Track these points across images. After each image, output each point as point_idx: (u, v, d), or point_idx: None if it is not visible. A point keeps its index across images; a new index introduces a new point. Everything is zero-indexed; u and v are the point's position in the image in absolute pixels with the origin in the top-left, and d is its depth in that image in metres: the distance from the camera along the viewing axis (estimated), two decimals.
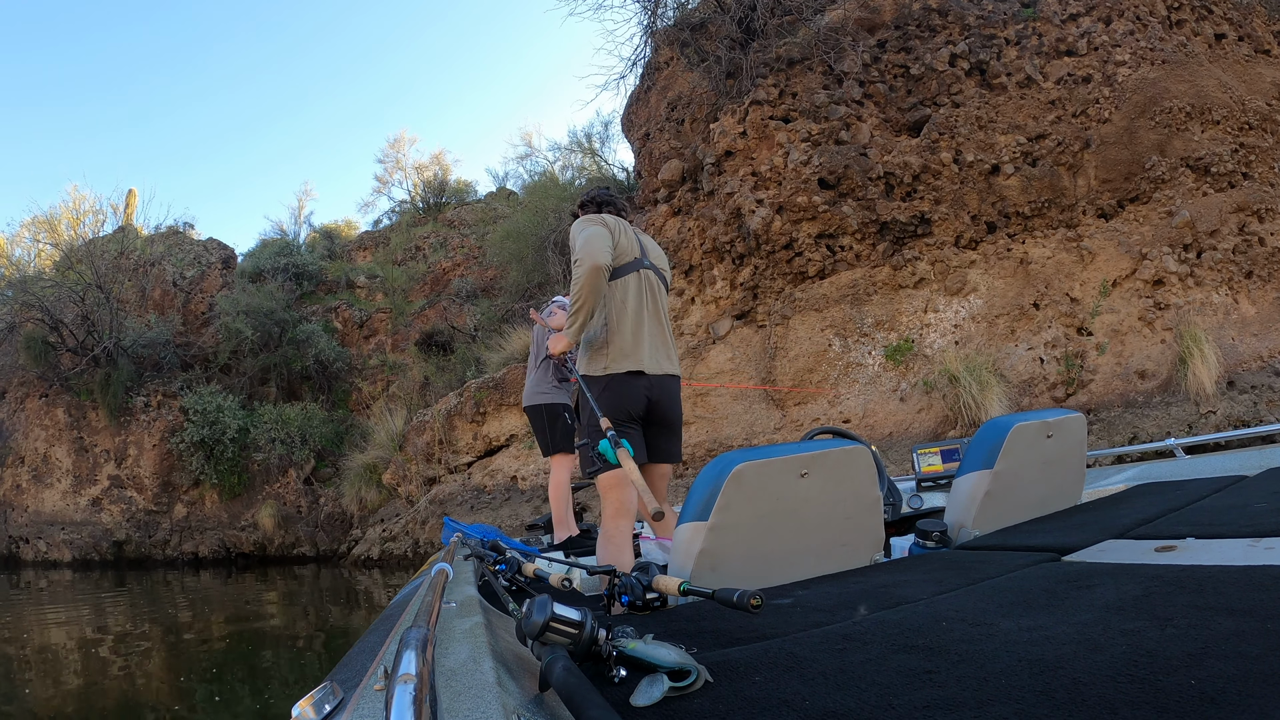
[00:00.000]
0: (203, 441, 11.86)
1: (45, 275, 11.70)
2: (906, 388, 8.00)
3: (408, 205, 16.43)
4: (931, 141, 8.21)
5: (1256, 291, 8.01)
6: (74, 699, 4.18)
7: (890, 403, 8.05)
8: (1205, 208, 8.08)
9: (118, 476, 11.56)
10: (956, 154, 8.16)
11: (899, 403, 8.04)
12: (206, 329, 12.71)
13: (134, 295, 12.34)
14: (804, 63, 8.55)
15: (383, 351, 13.89)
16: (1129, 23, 8.56)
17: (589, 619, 0.83)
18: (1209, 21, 8.89)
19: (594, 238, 2.36)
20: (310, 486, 12.44)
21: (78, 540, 11.33)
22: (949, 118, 8.26)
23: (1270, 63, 8.92)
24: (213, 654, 5.58)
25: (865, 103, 8.60)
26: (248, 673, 4.91)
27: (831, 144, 8.35)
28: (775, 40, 8.79)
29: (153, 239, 13.23)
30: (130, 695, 4.26)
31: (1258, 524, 1.31)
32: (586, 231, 2.42)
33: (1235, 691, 0.62)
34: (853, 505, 1.70)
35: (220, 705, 4.02)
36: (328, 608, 7.97)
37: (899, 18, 8.77)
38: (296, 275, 14.03)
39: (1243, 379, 7.65)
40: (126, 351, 11.62)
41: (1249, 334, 7.89)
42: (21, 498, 11.64)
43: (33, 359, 11.17)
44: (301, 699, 0.73)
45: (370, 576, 10.00)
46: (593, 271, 2.30)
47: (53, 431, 11.59)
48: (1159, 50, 8.37)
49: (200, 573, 11.70)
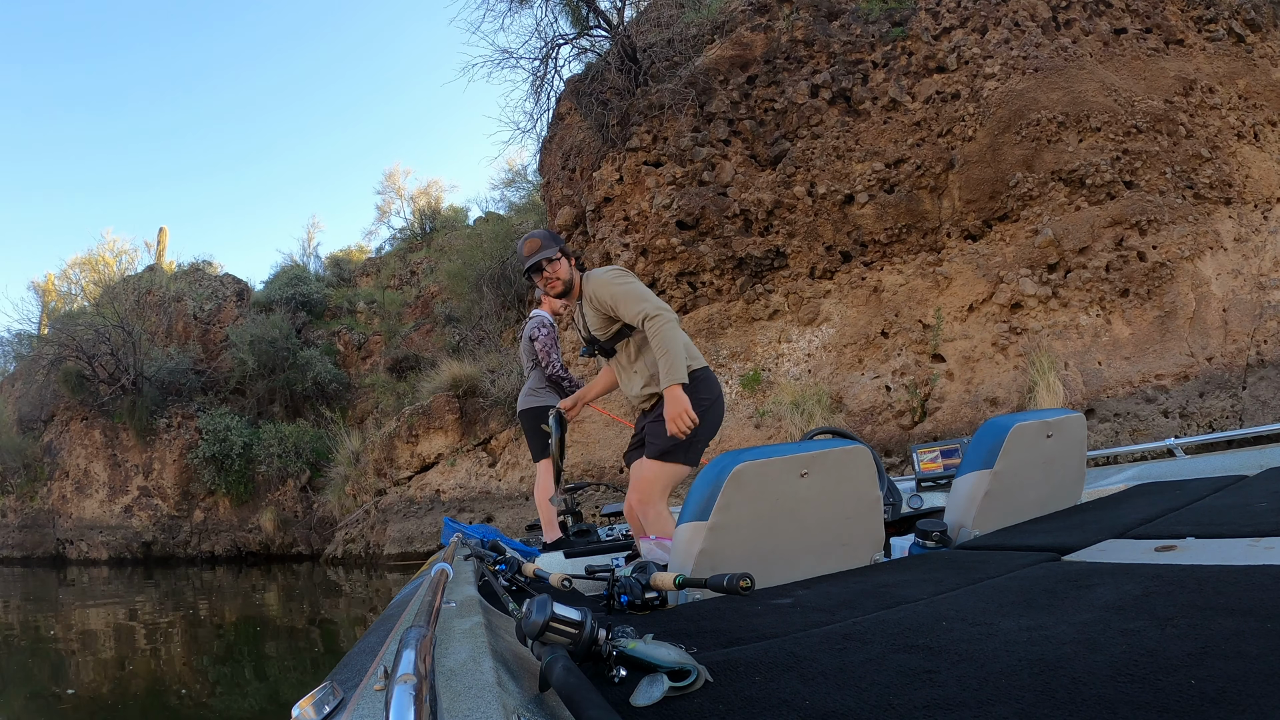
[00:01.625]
0: (214, 456, 13.69)
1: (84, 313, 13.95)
2: (759, 415, 8.25)
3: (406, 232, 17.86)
4: (787, 176, 8.34)
5: (1133, 311, 7.62)
6: (113, 670, 5.15)
7: (746, 429, 8.33)
8: (1076, 223, 7.77)
9: (145, 487, 13.67)
10: (810, 186, 8.25)
11: (754, 429, 8.30)
12: (221, 357, 14.60)
13: (161, 328, 14.42)
14: (675, 107, 8.85)
15: (376, 372, 15.30)
16: (1005, 30, 8.27)
17: (589, 619, 0.83)
18: (1106, 17, 8.41)
19: (649, 292, 2.70)
20: (306, 494, 14.02)
21: (113, 542, 13.57)
22: (806, 150, 8.35)
23: (1181, 54, 8.33)
24: (225, 635, 6.71)
25: (733, 140, 8.79)
26: (252, 652, 5.90)
27: (694, 185, 8.64)
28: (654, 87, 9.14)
29: (176, 276, 15.34)
30: (159, 669, 5.25)
31: (1258, 524, 1.29)
32: (636, 286, 2.65)
33: (1235, 691, 0.61)
34: (853, 505, 1.70)
35: (229, 676, 4.90)
36: (305, 598, 9.27)
37: (769, 52, 8.87)
38: (304, 304, 15.73)
39: (1106, 406, 7.36)
40: (150, 380, 13.65)
41: (1119, 357, 7.55)
42: (66, 506, 14.06)
43: (70, 390, 13.47)
44: (301, 699, 0.73)
45: (336, 573, 11.33)
46: (675, 320, 2.61)
47: (91, 450, 13.89)
48: (1032, 58, 8.06)
49: (216, 569, 13.55)
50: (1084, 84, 7.91)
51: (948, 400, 7.64)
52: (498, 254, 12.15)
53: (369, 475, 11.70)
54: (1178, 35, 8.37)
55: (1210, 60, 8.22)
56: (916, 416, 7.69)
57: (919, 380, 7.73)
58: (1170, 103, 7.96)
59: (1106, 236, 7.68)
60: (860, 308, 8.10)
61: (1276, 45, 8.52)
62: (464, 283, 11.86)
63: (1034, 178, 7.83)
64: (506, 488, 10.14)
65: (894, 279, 8.04)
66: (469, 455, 10.46)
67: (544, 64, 9.41)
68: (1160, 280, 7.57)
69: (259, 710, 4.18)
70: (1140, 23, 8.37)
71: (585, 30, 9.74)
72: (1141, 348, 7.53)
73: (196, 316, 15.02)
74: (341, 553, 11.89)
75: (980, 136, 7.98)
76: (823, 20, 8.87)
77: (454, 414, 10.60)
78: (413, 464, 11.17)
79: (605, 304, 2.67)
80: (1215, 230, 7.59)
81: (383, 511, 11.14)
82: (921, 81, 8.32)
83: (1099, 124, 7.81)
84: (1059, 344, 7.55)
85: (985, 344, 7.68)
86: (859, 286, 8.15)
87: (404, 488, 11.19)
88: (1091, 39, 8.18)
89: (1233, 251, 7.62)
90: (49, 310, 17.40)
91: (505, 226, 12.64)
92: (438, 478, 10.71)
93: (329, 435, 13.35)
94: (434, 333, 14.78)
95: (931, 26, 8.46)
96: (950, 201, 8.12)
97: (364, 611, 7.54)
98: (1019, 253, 7.81)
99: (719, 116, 8.79)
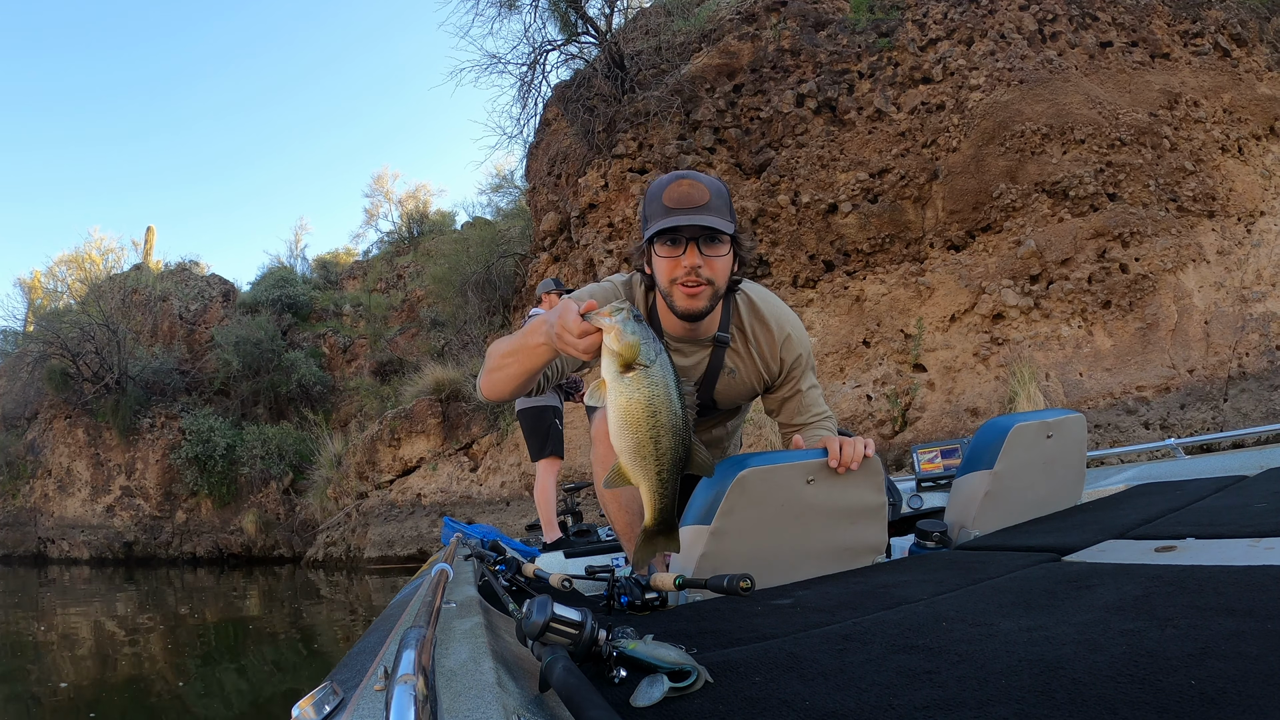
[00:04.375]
0: (196, 457, 13.59)
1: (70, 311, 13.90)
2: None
3: (394, 236, 17.83)
4: (771, 184, 8.32)
5: (1114, 323, 7.60)
6: (93, 670, 5.10)
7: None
8: (1059, 235, 7.75)
9: (128, 487, 13.55)
10: (794, 195, 8.23)
11: None
12: (206, 357, 14.52)
13: (147, 328, 14.33)
14: (661, 114, 8.84)
15: (360, 375, 15.23)
16: (991, 42, 8.27)
17: (589, 619, 0.83)
18: (1093, 30, 8.42)
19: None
20: (288, 496, 13.93)
21: (95, 541, 13.44)
22: (790, 159, 8.33)
23: (1166, 68, 8.33)
24: (205, 636, 6.65)
25: (718, 149, 8.77)
26: (231, 653, 5.85)
27: None
28: (640, 94, 9.13)
29: (163, 275, 15.29)
30: (138, 668, 5.21)
31: (1258, 524, 1.29)
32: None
33: (1235, 691, 0.61)
34: (858, 512, 1.69)
35: (210, 675, 4.85)
36: (287, 601, 9.18)
37: (755, 61, 8.86)
38: (290, 305, 15.67)
39: (1087, 417, 7.26)
40: (134, 379, 13.56)
41: (1101, 369, 7.53)
42: (49, 505, 13.94)
43: (54, 388, 13.36)
44: (301, 699, 0.73)
45: (318, 575, 11.24)
46: None
47: (74, 448, 13.77)
48: (1018, 70, 8.06)
49: (197, 570, 13.43)
50: (1069, 96, 7.91)
51: (929, 410, 7.61)
52: (484, 258, 12.11)
53: (351, 478, 11.62)
54: (1164, 49, 8.38)
55: (1196, 74, 8.23)
56: (897, 426, 7.65)
57: (900, 390, 7.69)
58: (1155, 116, 7.96)
59: (1089, 248, 7.66)
60: (842, 317, 8.07)
61: (1262, 60, 8.54)
62: (449, 287, 11.83)
63: (1017, 189, 7.82)
64: (488, 492, 10.07)
65: (876, 288, 8.02)
66: (450, 460, 10.39)
67: (532, 70, 9.41)
68: (1142, 292, 7.55)
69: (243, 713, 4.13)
70: (1126, 36, 8.38)
71: (573, 37, 9.74)
72: (1123, 359, 7.51)
73: (182, 316, 14.95)
74: (322, 555, 11.81)
75: (964, 147, 7.97)
76: (810, 30, 8.87)
77: (436, 418, 10.53)
78: (394, 468, 11.10)
79: (779, 359, 1.77)
80: (1198, 243, 7.58)
81: (364, 515, 11.07)
82: (907, 92, 8.31)
83: (1083, 136, 7.81)
84: (1040, 355, 7.52)
85: (966, 354, 7.65)
86: (841, 296, 8.12)
87: (385, 491, 11.11)
88: (1077, 52, 8.19)
89: (1215, 264, 7.61)
90: (35, 308, 17.35)
91: (492, 232, 12.63)
92: (419, 481, 10.65)
93: (312, 438, 13.28)
94: (419, 336, 14.74)
95: (918, 38, 8.46)
96: (934, 212, 8.10)
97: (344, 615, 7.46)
98: (1001, 263, 7.80)
99: (705, 124, 8.77)
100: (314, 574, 11.34)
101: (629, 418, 1.11)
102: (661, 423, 1.11)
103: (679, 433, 1.12)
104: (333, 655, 5.31)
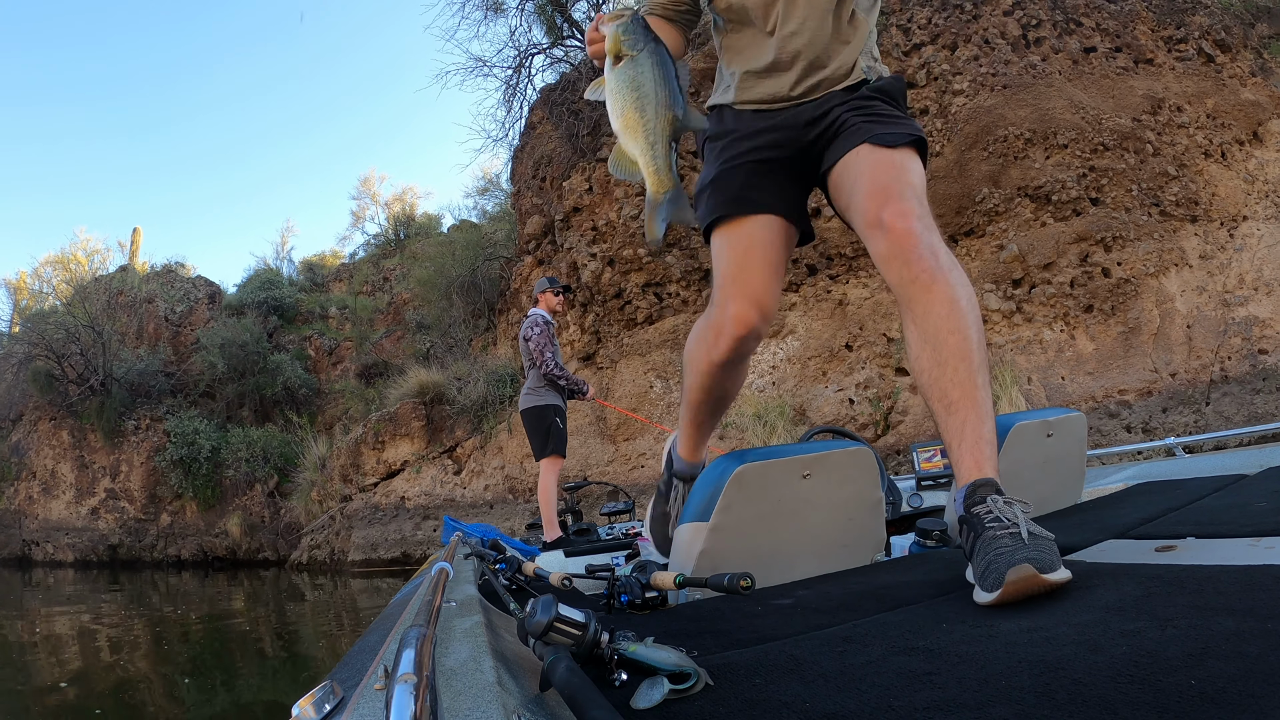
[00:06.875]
0: (181, 460, 13.49)
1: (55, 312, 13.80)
2: (722, 427, 8.17)
3: (380, 238, 17.75)
4: None
5: (1096, 327, 7.60)
6: (78, 674, 5.03)
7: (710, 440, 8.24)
8: (1042, 239, 7.75)
9: (113, 489, 13.44)
10: None
11: (718, 440, 8.22)
12: (191, 359, 14.42)
13: (132, 329, 14.23)
14: None
15: (346, 378, 15.16)
16: (975, 48, 8.27)
17: (592, 620, 0.84)
18: (1077, 35, 8.42)
19: None
20: (273, 499, 13.84)
21: (79, 544, 13.31)
22: None
23: (1150, 73, 8.35)
24: (190, 639, 6.59)
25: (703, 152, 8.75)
26: (216, 657, 5.80)
27: None
28: None
29: (149, 277, 15.18)
30: (124, 672, 5.15)
31: (1258, 524, 1.29)
32: None
33: (1235, 691, 0.61)
34: (855, 506, 1.69)
35: (192, 679, 4.84)
36: (272, 605, 9.10)
37: None
38: (276, 308, 15.59)
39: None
40: (119, 381, 13.45)
41: (1083, 372, 7.53)
42: (33, 507, 13.80)
43: (39, 389, 13.25)
44: (302, 698, 0.73)
45: (302, 579, 11.17)
46: None
47: (59, 450, 13.65)
48: (1001, 75, 8.06)
49: (182, 573, 13.33)
50: (1052, 101, 7.91)
51: (911, 413, 7.58)
52: (469, 262, 12.07)
53: (335, 481, 11.55)
54: (1147, 55, 8.39)
55: (1179, 79, 8.24)
56: (880, 429, 7.63)
57: (882, 393, 7.67)
58: (1138, 121, 7.97)
59: (1072, 252, 7.66)
60: (825, 320, 8.05)
61: (1245, 65, 8.55)
62: (435, 290, 11.78)
63: (1000, 193, 7.82)
64: (471, 495, 10.02)
65: (859, 292, 8.00)
66: (434, 463, 10.33)
67: (517, 73, 9.39)
68: (1125, 296, 7.55)
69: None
70: (1110, 42, 8.39)
71: (559, 40, 9.72)
72: (1105, 363, 7.51)
73: (168, 318, 14.84)
74: (307, 559, 11.73)
75: (947, 152, 7.97)
76: None
77: (420, 421, 10.47)
78: (379, 470, 11.03)
79: None
80: (1180, 247, 7.58)
81: (348, 518, 11.00)
82: None
83: (1066, 141, 7.81)
84: (1022, 359, 7.51)
85: None
86: (824, 299, 8.10)
87: (369, 494, 11.05)
88: (1061, 57, 8.19)
89: (1198, 268, 7.61)
90: (20, 308, 17.21)
91: (477, 235, 12.58)
92: (403, 484, 10.58)
93: (297, 441, 13.19)
94: (404, 339, 14.67)
95: (902, 43, 8.47)
96: None
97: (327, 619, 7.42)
98: (984, 268, 7.79)
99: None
100: (298, 577, 11.27)
101: (617, 96, 1.27)
102: (645, 94, 1.25)
103: (665, 106, 1.26)
104: (316, 658, 5.30)
